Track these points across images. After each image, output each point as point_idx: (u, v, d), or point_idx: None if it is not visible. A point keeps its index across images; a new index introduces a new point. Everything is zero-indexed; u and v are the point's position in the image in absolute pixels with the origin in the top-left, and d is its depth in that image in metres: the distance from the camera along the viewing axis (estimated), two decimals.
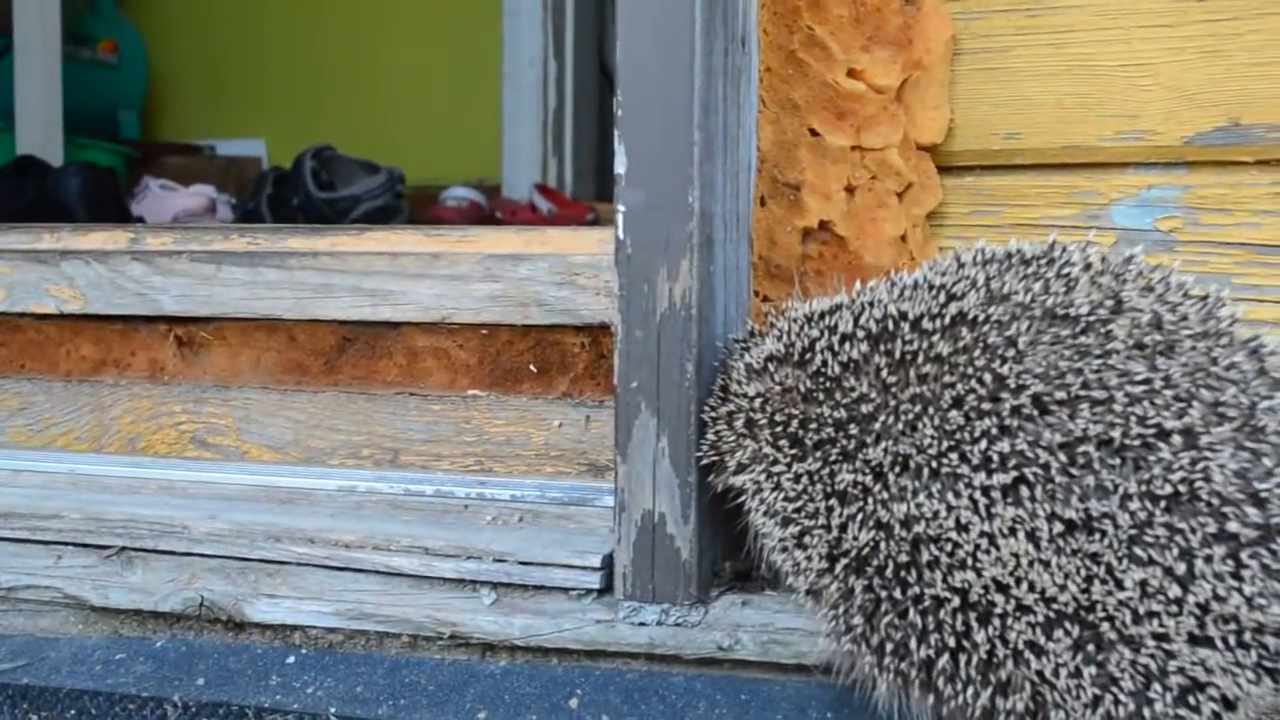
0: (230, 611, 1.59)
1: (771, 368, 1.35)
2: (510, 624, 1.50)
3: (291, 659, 1.57)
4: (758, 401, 1.35)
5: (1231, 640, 1.14)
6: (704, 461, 1.43)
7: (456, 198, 4.14)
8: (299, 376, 1.89)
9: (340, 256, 1.81)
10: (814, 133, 1.61)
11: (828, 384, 1.29)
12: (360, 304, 1.80)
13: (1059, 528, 1.16)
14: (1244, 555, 1.14)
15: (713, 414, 1.42)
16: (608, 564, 1.50)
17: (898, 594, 1.22)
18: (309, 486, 1.80)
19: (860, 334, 1.28)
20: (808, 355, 1.32)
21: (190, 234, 1.95)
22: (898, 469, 1.23)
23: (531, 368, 1.78)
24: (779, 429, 1.32)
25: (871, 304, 1.30)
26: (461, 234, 1.81)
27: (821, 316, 1.33)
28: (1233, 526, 1.14)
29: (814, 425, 1.29)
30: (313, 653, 1.58)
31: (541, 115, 4.82)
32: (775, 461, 1.32)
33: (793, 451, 1.31)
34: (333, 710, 1.49)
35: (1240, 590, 1.14)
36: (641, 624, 1.47)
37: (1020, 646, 1.17)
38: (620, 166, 1.43)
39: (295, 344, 1.88)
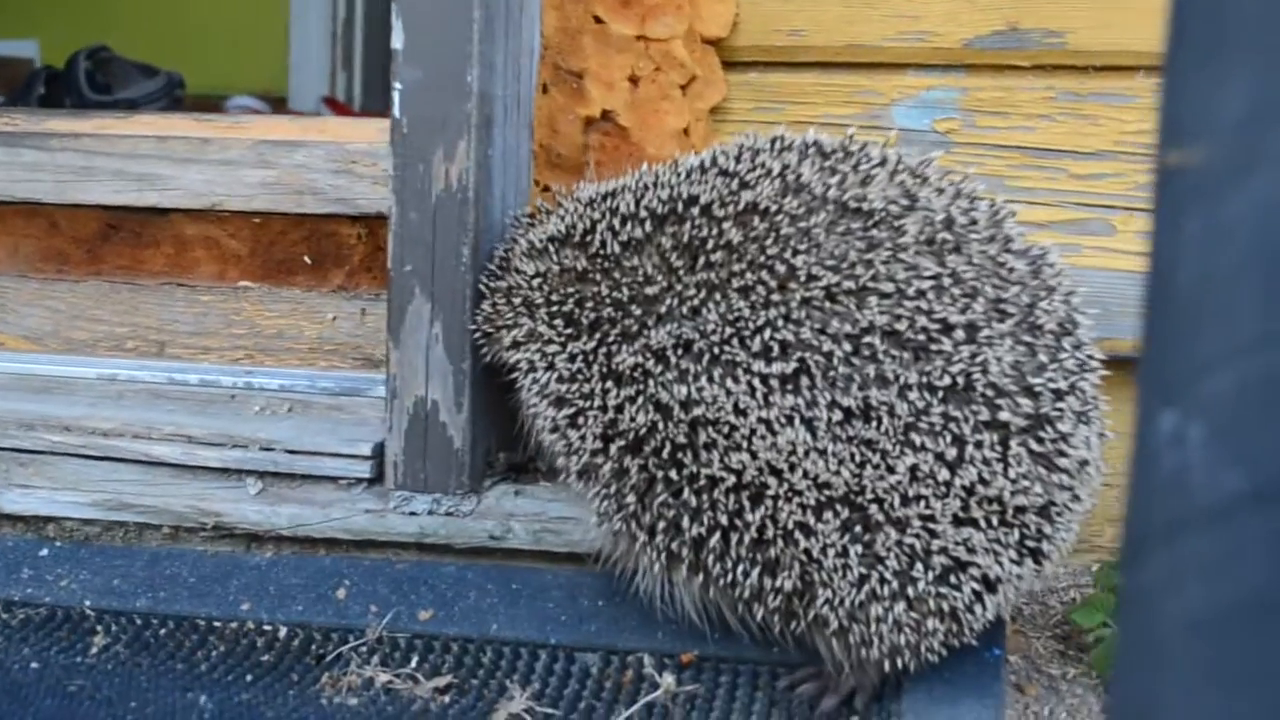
0: None
1: (552, 249, 1.32)
2: (277, 514, 1.46)
3: (45, 551, 1.50)
4: (536, 281, 1.33)
5: (994, 520, 1.16)
6: (477, 334, 1.40)
7: (240, 106, 3.99)
8: (60, 265, 1.80)
9: (105, 139, 1.72)
10: (599, 20, 1.58)
11: (607, 264, 1.28)
12: (125, 189, 1.72)
13: (838, 415, 1.16)
14: (1013, 442, 1.17)
15: (490, 286, 1.39)
16: (379, 453, 1.47)
17: (673, 474, 1.21)
18: (68, 375, 1.71)
19: (644, 214, 1.26)
20: (588, 237, 1.30)
21: None
22: (680, 351, 1.22)
23: (306, 259, 1.72)
24: (555, 308, 1.30)
25: (655, 185, 1.28)
26: (235, 120, 1.74)
27: (604, 199, 1.31)
28: (1004, 415, 1.16)
29: (591, 305, 1.28)
30: (68, 545, 1.51)
31: (331, 26, 4.67)
32: (550, 341, 1.30)
33: (568, 331, 1.29)
34: (88, 603, 1.44)
35: (1005, 474, 1.16)
36: (412, 513, 1.44)
37: (790, 526, 1.18)
38: (397, 42, 1.38)
39: (56, 230, 1.79)
